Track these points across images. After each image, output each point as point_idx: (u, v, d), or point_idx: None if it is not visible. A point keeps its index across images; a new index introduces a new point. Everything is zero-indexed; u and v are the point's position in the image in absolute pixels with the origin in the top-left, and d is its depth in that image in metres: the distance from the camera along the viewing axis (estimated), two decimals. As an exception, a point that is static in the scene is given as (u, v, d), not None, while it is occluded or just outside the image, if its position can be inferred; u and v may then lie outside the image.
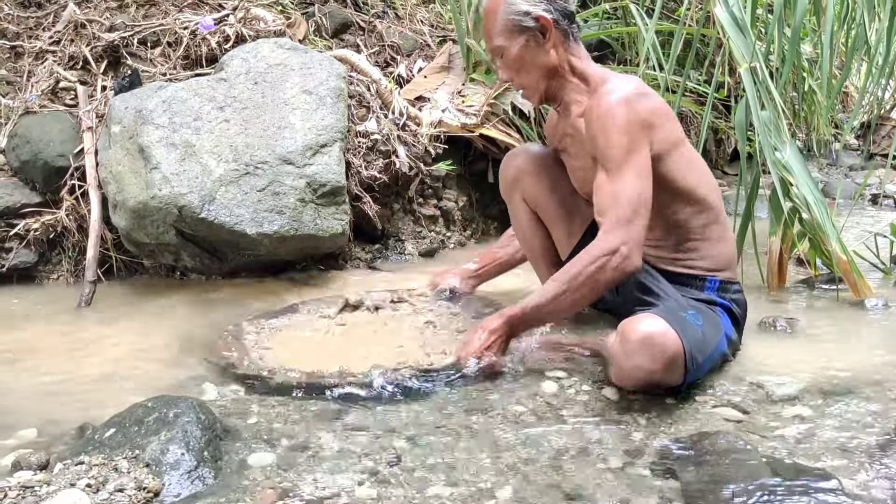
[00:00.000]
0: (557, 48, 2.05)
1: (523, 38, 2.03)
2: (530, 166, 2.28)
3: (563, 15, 2.04)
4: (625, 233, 1.86)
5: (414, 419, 1.70)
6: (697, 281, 2.03)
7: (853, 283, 2.50)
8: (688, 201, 2.00)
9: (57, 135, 2.91)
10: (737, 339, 2.03)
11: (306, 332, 2.25)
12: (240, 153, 2.65)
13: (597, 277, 1.86)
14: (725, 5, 2.54)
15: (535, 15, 2.01)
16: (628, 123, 1.90)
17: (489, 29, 2.08)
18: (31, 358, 2.17)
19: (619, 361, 1.74)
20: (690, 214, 2.02)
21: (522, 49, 2.04)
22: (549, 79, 2.08)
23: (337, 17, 3.66)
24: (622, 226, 1.86)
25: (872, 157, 5.79)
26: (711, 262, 2.04)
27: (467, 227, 3.57)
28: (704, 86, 3.97)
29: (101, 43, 3.13)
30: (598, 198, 1.94)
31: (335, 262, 3.00)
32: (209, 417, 1.58)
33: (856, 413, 1.67)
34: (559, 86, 2.09)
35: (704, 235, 2.04)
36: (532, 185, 2.27)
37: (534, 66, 2.05)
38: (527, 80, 2.10)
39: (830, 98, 3.54)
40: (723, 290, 2.03)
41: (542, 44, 2.03)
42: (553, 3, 2.02)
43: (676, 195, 1.99)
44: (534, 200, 2.28)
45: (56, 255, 2.91)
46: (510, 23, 2.02)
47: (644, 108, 1.93)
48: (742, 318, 2.07)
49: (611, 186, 1.90)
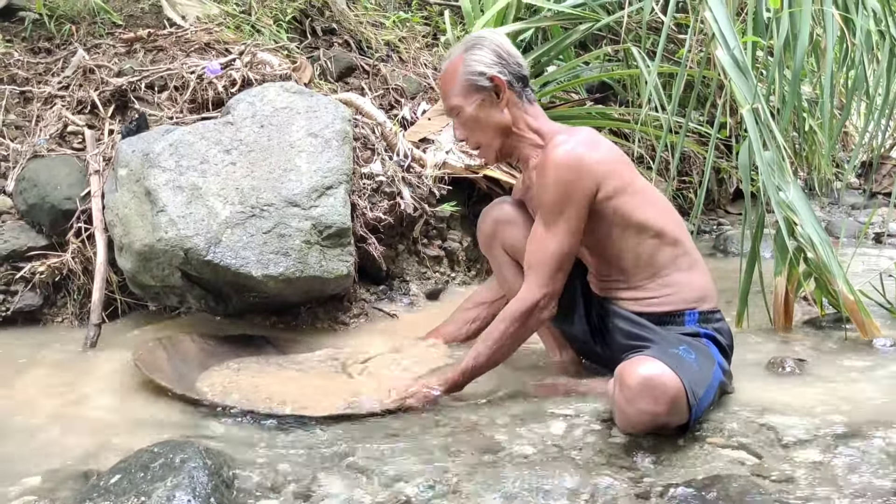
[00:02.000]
0: (511, 108, 2.15)
1: (479, 98, 2.13)
2: (507, 217, 2.35)
3: (516, 77, 2.15)
4: (545, 287, 2.03)
5: (425, 459, 1.68)
6: (677, 317, 2.07)
7: (861, 323, 2.49)
8: (652, 235, 2.07)
9: (64, 178, 2.92)
10: (728, 368, 2.04)
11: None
12: (246, 195, 2.66)
13: (521, 333, 2.08)
14: (726, 48, 2.57)
15: (490, 75, 2.11)
16: (566, 176, 2.00)
17: (447, 89, 2.18)
18: (34, 402, 2.16)
19: (621, 408, 1.74)
20: (655, 248, 2.07)
21: (477, 108, 2.14)
22: (503, 136, 2.17)
23: (342, 60, 3.71)
24: (543, 282, 2.03)
25: (874, 195, 5.82)
26: (687, 294, 2.08)
27: (471, 268, 3.57)
28: (706, 126, 4.01)
29: (110, 87, 3.17)
30: (530, 248, 2.08)
31: (340, 303, 2.99)
32: (216, 462, 1.57)
33: (868, 456, 1.66)
34: (514, 143, 2.19)
35: (675, 268, 2.08)
36: (511, 234, 2.34)
37: (488, 125, 2.15)
38: (482, 139, 2.19)
39: (831, 138, 3.57)
40: (704, 320, 2.06)
41: (496, 103, 2.14)
42: (507, 66, 2.14)
43: (637, 229, 2.06)
44: (513, 249, 2.33)
45: (61, 297, 2.90)
46: (466, 83, 2.13)
47: (589, 158, 2.03)
48: (729, 347, 2.10)
49: (541, 241, 2.04)
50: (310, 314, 2.90)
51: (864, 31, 2.82)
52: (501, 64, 2.12)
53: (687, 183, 4.82)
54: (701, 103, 4.08)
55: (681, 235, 2.12)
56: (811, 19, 2.68)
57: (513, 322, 2.04)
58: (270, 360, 2.48)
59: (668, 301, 2.07)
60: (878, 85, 3.00)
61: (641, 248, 2.07)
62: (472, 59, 2.12)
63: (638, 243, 2.07)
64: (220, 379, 2.29)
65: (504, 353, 2.10)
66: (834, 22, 2.72)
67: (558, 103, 4.16)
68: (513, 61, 2.14)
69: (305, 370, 2.39)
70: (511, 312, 2.05)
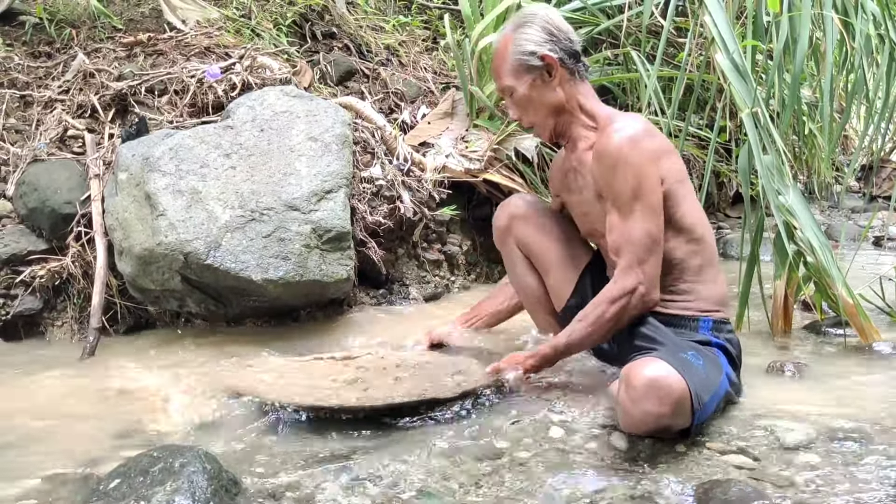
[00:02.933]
0: (564, 86, 2.11)
1: (530, 78, 2.10)
2: (523, 213, 2.34)
3: (568, 54, 2.10)
4: (640, 272, 1.97)
5: (424, 466, 1.68)
6: (692, 322, 2.05)
7: (860, 327, 2.49)
8: (687, 238, 2.05)
9: (64, 182, 2.93)
10: (737, 380, 2.03)
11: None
12: (246, 200, 2.67)
13: (619, 316, 2.00)
14: (726, 52, 2.57)
15: (541, 54, 2.07)
16: (638, 163, 1.96)
17: (498, 69, 2.15)
18: (34, 406, 2.16)
19: (626, 408, 1.73)
20: (687, 253, 2.05)
21: (530, 88, 2.11)
22: (556, 116, 2.14)
23: (342, 64, 3.71)
24: (637, 266, 1.97)
25: (874, 199, 5.82)
26: (706, 302, 2.06)
27: (471, 272, 3.57)
28: (706, 130, 4.01)
29: (110, 92, 3.17)
30: (611, 237, 2.02)
31: (340, 307, 3.00)
32: (215, 467, 1.57)
33: (868, 460, 1.66)
34: (567, 122, 2.15)
35: (699, 275, 2.07)
36: (525, 231, 2.32)
37: (541, 104, 2.12)
38: (535, 118, 2.16)
39: (831, 142, 3.57)
40: (717, 329, 2.05)
41: (549, 82, 2.10)
42: (558, 43, 2.09)
43: (678, 232, 2.04)
44: (527, 246, 2.32)
45: (61, 301, 2.90)
46: (517, 63, 2.10)
47: (652, 146, 2.00)
48: (738, 358, 2.08)
49: (623, 227, 1.98)
50: (309, 318, 2.90)
51: (863, 35, 2.82)
52: (552, 41, 2.07)
53: (687, 186, 4.82)
54: (700, 107, 4.08)
55: (711, 242, 2.10)
56: (811, 23, 2.69)
57: (610, 304, 1.99)
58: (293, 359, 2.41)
59: (687, 306, 2.05)
60: (877, 88, 3.00)
61: (675, 251, 2.04)
62: (523, 37, 2.08)
63: (674, 246, 2.03)
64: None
65: (599, 336, 2.04)
66: (833, 26, 2.72)
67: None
68: (564, 37, 2.09)
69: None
70: (607, 296, 2.00)
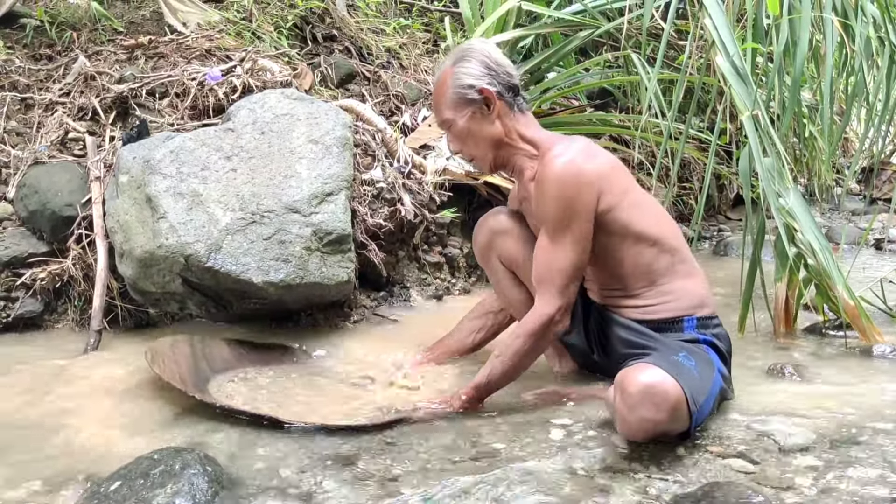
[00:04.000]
0: (503, 119, 2.14)
1: (469, 111, 2.12)
2: (504, 227, 2.34)
3: (506, 88, 2.13)
4: (559, 300, 2.02)
5: (425, 466, 1.69)
6: (676, 324, 2.07)
7: (862, 329, 2.49)
8: (650, 244, 2.07)
9: (65, 185, 2.93)
10: (728, 375, 2.04)
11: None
12: (246, 202, 2.67)
13: (536, 347, 2.07)
14: (726, 55, 2.58)
15: (479, 88, 2.10)
16: (569, 190, 2.00)
17: (438, 103, 2.17)
18: (35, 408, 2.16)
19: (622, 416, 1.74)
20: (653, 256, 2.08)
21: (469, 121, 2.13)
22: (496, 148, 2.17)
23: (342, 67, 3.72)
24: (556, 295, 2.02)
25: (874, 201, 5.83)
26: (685, 301, 2.08)
27: (472, 274, 3.57)
28: (706, 133, 4.01)
29: (111, 94, 3.18)
30: (537, 262, 2.07)
31: (340, 309, 3.00)
32: (215, 469, 1.57)
33: (868, 463, 1.65)
34: (508, 154, 2.18)
35: (673, 275, 2.09)
36: (506, 244, 2.32)
37: (481, 137, 2.15)
38: (475, 151, 2.19)
39: (831, 144, 3.57)
40: (702, 326, 2.06)
41: (487, 115, 2.13)
42: (497, 77, 2.12)
43: (636, 238, 2.07)
44: (509, 260, 2.32)
45: (62, 304, 2.91)
46: (456, 96, 2.12)
47: (588, 169, 2.02)
48: (727, 352, 2.09)
49: (549, 255, 2.03)
50: (310, 320, 2.90)
51: (863, 38, 2.82)
52: (491, 75, 2.10)
53: (687, 189, 4.83)
54: (701, 109, 4.09)
55: (677, 243, 2.12)
56: (811, 26, 2.69)
57: (528, 337, 2.03)
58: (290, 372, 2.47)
59: (667, 308, 2.07)
60: (877, 91, 3.01)
61: (640, 258, 2.07)
62: (461, 71, 2.10)
63: (637, 252, 2.07)
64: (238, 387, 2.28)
65: (519, 369, 2.08)
66: (833, 28, 2.73)
67: (558, 109, 4.17)
68: (502, 71, 2.12)
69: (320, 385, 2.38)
70: (526, 328, 2.04)
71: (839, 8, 2.81)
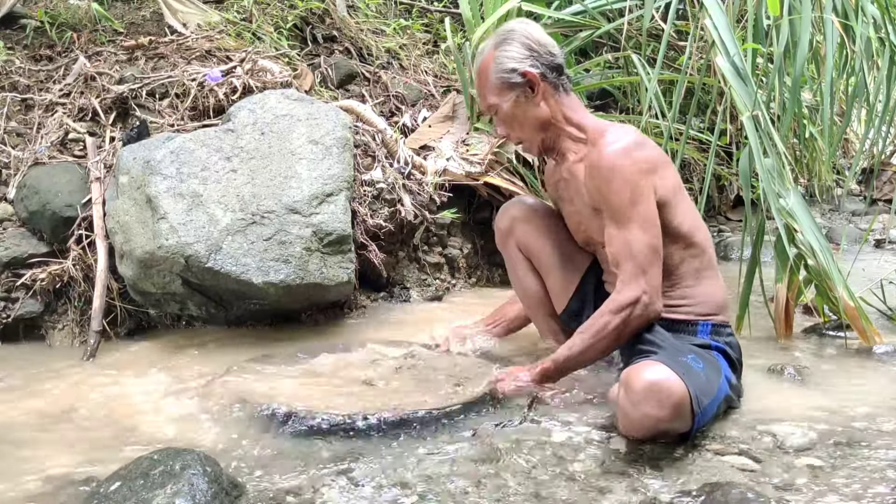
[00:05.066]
0: (548, 101, 2.11)
1: (513, 95, 2.10)
2: (524, 215, 2.33)
3: (550, 69, 2.10)
4: (643, 282, 1.95)
5: (423, 472, 1.68)
6: (690, 326, 2.05)
7: (861, 330, 2.49)
8: (684, 245, 2.05)
9: (65, 185, 2.93)
10: (737, 383, 2.03)
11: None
12: (246, 203, 2.67)
13: (622, 329, 1.97)
14: (727, 55, 2.57)
15: (522, 71, 2.08)
16: (632, 174, 1.96)
17: (482, 88, 2.16)
18: (35, 409, 2.16)
19: (626, 411, 1.73)
20: (685, 259, 2.06)
21: (514, 105, 2.11)
22: (544, 131, 2.15)
23: (342, 67, 3.72)
24: (639, 276, 1.95)
25: (874, 202, 5.82)
26: (704, 306, 2.07)
27: (472, 275, 3.57)
28: (707, 133, 4.01)
29: (111, 95, 3.18)
30: (611, 249, 2.02)
31: (340, 310, 3.00)
32: (215, 469, 1.56)
33: (869, 463, 1.65)
34: (555, 136, 2.16)
35: (698, 280, 2.07)
36: (526, 233, 2.32)
37: (527, 121, 2.13)
38: (522, 134, 2.17)
39: (832, 145, 3.57)
40: (716, 333, 2.05)
41: (532, 98, 2.10)
42: (539, 59, 2.09)
43: (675, 239, 2.04)
44: (528, 248, 2.32)
45: (62, 304, 2.90)
46: (499, 81, 2.10)
47: (645, 157, 2.00)
48: (738, 361, 2.08)
49: (622, 238, 1.97)
50: (310, 321, 2.90)
51: (864, 39, 2.82)
52: (533, 56, 2.07)
53: (687, 189, 4.82)
54: (701, 110, 4.08)
55: (708, 248, 2.10)
56: (811, 26, 2.69)
57: (612, 316, 1.97)
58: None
59: (685, 311, 2.06)
60: (878, 92, 3.00)
61: (671, 258, 2.04)
62: (503, 55, 2.08)
63: (669, 253, 2.03)
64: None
65: (601, 348, 2.02)
66: (834, 29, 2.73)
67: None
68: (545, 51, 2.09)
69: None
70: (612, 306, 1.98)
71: (839, 8, 2.81)
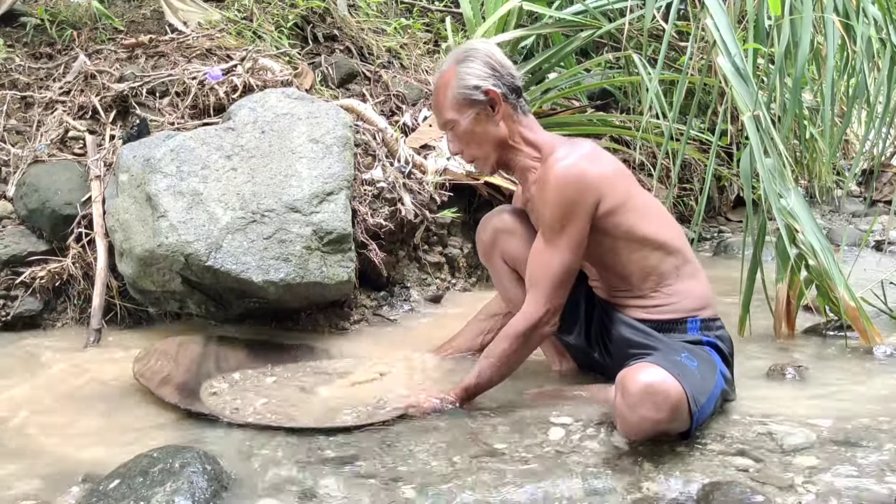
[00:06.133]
0: (507, 121, 2.12)
1: (473, 112, 2.10)
2: (508, 226, 2.31)
3: (510, 90, 2.11)
4: (547, 303, 2.02)
5: (422, 467, 1.68)
6: (679, 324, 2.06)
7: (862, 330, 2.49)
8: (651, 246, 2.07)
9: (65, 183, 2.92)
10: (730, 376, 2.04)
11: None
12: (247, 201, 2.67)
13: (524, 350, 2.08)
14: (728, 55, 2.57)
15: (485, 89, 2.08)
16: (571, 193, 1.99)
17: (440, 104, 2.14)
18: (34, 407, 2.16)
19: (623, 414, 1.73)
20: (659, 259, 2.07)
21: (473, 122, 2.11)
22: (499, 150, 2.15)
23: (343, 67, 3.71)
24: (545, 298, 2.02)
25: (875, 203, 5.82)
26: (690, 302, 2.08)
27: (472, 274, 3.57)
28: (707, 133, 4.01)
29: (111, 93, 3.17)
30: (531, 264, 2.07)
31: (340, 309, 2.99)
32: (215, 467, 1.56)
33: (869, 463, 1.65)
34: (511, 156, 2.17)
35: (678, 278, 2.08)
36: (510, 243, 2.30)
37: (484, 138, 2.13)
38: (478, 152, 2.17)
39: (832, 146, 3.57)
40: (705, 328, 2.06)
41: (492, 116, 2.10)
42: (501, 79, 2.10)
43: (640, 242, 2.06)
44: (513, 259, 2.31)
45: (61, 302, 2.90)
46: (461, 97, 2.09)
47: (591, 173, 2.01)
48: (730, 354, 2.09)
49: (545, 257, 2.03)
50: (310, 320, 2.89)
51: (864, 39, 2.82)
52: (495, 76, 2.08)
53: (688, 190, 4.83)
54: (702, 110, 4.08)
55: (681, 245, 2.12)
56: (812, 27, 2.69)
57: (515, 339, 2.04)
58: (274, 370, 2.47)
59: (672, 309, 2.07)
60: (878, 93, 3.00)
61: (645, 260, 2.07)
62: (466, 71, 2.08)
63: (642, 256, 2.06)
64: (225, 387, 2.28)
65: (508, 370, 2.08)
66: (835, 29, 2.72)
67: (559, 110, 4.17)
68: (506, 72, 2.10)
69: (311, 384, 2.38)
70: (514, 329, 2.04)
71: (841, 9, 2.81)
